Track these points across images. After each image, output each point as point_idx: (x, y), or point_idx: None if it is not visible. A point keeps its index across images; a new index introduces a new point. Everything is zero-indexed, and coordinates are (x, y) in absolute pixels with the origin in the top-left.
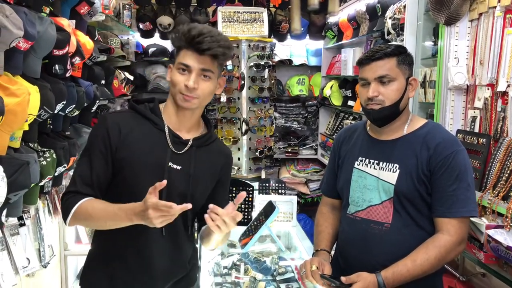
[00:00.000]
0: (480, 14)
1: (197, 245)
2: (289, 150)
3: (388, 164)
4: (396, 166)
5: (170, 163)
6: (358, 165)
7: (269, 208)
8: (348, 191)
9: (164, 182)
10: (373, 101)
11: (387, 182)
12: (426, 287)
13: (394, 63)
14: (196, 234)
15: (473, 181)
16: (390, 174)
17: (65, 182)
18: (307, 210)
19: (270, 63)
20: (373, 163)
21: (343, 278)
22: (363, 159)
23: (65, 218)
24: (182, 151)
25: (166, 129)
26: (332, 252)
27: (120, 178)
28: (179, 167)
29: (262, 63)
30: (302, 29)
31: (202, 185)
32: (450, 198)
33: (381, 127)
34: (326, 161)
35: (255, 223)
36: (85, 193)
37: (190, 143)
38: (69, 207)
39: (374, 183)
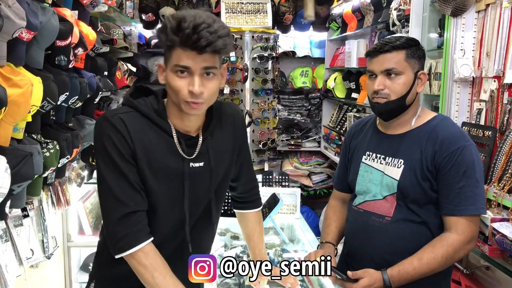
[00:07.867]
0: (487, 5)
1: None
2: (292, 143)
3: (393, 159)
4: (401, 162)
5: (191, 164)
6: (365, 159)
7: (273, 201)
8: (354, 185)
9: None
10: (379, 94)
11: (391, 178)
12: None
13: (402, 56)
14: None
15: (482, 178)
16: (395, 170)
17: (68, 173)
18: (310, 202)
19: (274, 54)
20: (379, 157)
21: (349, 273)
22: (370, 153)
23: (116, 251)
24: (197, 152)
25: (175, 134)
26: (340, 246)
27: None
28: (201, 164)
29: (266, 54)
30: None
31: (225, 172)
32: (458, 195)
33: (386, 121)
34: (329, 153)
35: None
36: (139, 210)
37: (200, 139)
38: (129, 241)
39: (379, 178)
